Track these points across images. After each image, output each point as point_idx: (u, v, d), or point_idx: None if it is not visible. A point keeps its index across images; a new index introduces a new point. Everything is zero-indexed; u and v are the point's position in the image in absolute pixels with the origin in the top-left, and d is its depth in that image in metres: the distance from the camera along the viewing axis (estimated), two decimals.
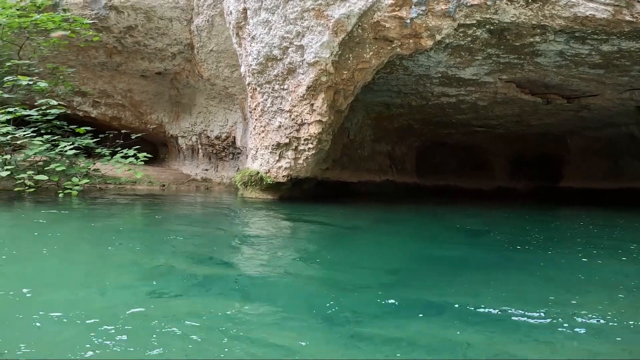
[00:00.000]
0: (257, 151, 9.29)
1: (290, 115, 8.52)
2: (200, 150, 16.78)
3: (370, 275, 3.13)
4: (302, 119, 8.45)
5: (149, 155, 10.79)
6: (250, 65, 8.53)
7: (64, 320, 2.06)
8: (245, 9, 8.42)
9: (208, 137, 16.04)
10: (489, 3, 6.65)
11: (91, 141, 10.51)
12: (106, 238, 4.32)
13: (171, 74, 14.97)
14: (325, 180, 11.79)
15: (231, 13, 8.68)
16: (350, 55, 7.73)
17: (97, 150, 10.83)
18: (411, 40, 7.48)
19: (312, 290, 2.76)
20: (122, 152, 10.49)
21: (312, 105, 8.23)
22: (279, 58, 8.14)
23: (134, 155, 10.33)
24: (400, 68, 9.98)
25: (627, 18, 6.42)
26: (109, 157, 10.53)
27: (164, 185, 14.13)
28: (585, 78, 10.18)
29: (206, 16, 11.72)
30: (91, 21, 12.16)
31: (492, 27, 7.42)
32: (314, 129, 8.39)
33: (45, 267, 3.13)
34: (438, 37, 7.40)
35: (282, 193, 9.71)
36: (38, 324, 2.01)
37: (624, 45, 7.80)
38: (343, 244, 4.61)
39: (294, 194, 10.19)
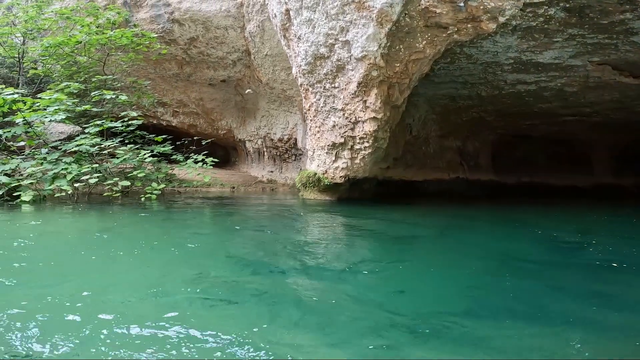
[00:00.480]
0: (314, 152, 9.18)
1: (343, 114, 8.19)
2: (265, 153, 17.30)
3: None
4: (355, 117, 8.07)
5: (216, 160, 11.58)
6: (300, 65, 8.37)
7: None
8: (287, 10, 8.28)
9: (272, 139, 16.44)
10: None
11: (168, 148, 11.45)
12: (177, 242, 4.50)
13: (234, 80, 15.65)
14: (388, 180, 11.24)
15: (275, 16, 8.62)
16: (401, 46, 7.10)
17: (173, 157, 11.77)
18: (469, 25, 6.62)
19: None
20: (193, 158, 11.35)
21: (365, 101, 7.81)
22: (326, 56, 7.84)
23: (203, 160, 11.16)
24: (462, 56, 8.97)
25: None
26: (184, 163, 11.36)
27: (233, 188, 14.85)
28: None
29: (256, 22, 11.91)
30: (158, 35, 13.24)
31: (568, 5, 6.19)
32: (369, 127, 7.96)
33: (114, 269, 3.34)
34: (502, 19, 6.43)
35: (340, 194, 9.47)
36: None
37: None
38: (395, 267, 3.74)
39: (352, 195, 9.86)
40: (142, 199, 9.17)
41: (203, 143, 13.87)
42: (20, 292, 2.65)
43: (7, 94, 8.75)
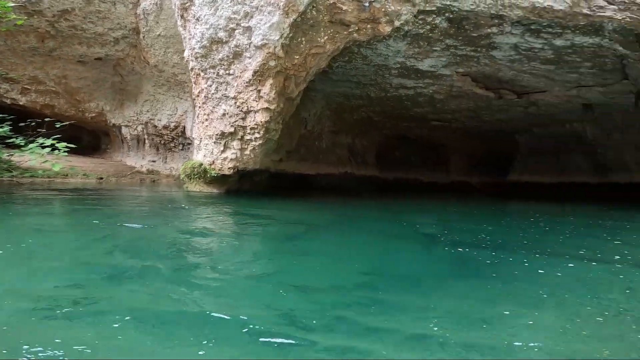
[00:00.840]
0: (200, 141, 8.56)
1: (235, 103, 7.86)
2: (146, 141, 15.58)
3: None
4: (248, 107, 7.82)
5: (71, 145, 9.06)
6: (194, 48, 7.79)
7: None
8: None
9: (155, 126, 14.90)
10: None
11: (6, 129, 9.05)
12: (17, 239, 3.55)
13: (114, 59, 13.71)
14: (281, 173, 11.26)
15: None
16: (303, 38, 7.22)
17: (11, 140, 9.22)
18: (369, 26, 7.12)
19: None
20: (38, 142, 8.82)
21: (259, 91, 7.63)
22: (224, 41, 7.46)
23: (52, 145, 8.69)
24: (359, 57, 9.64)
25: (585, 11, 6.46)
26: (27, 148, 8.66)
27: (101, 178, 12.90)
28: (536, 74, 10.42)
29: None
30: (19, 4, 10.75)
31: (451, 16, 7.24)
32: (261, 117, 7.80)
33: None
34: (397, 23, 7.10)
35: (228, 186, 9.06)
36: None
37: (577, 40, 7.95)
38: (287, 258, 3.55)
39: (242, 187, 9.56)
40: None
41: (57, 126, 10.93)
42: None
43: None
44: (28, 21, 11.65)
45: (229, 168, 8.44)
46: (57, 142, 8.85)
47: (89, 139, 18.25)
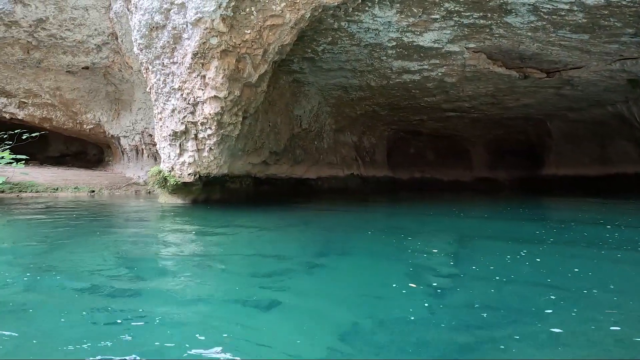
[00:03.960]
0: (159, 145, 7.18)
1: (181, 94, 6.43)
2: (144, 151, 14.63)
3: None
4: (194, 97, 6.36)
5: (22, 157, 7.97)
6: (136, 39, 6.48)
7: None
8: None
9: (150, 135, 13.90)
10: None
11: None
12: None
13: (101, 67, 12.88)
14: (272, 178, 9.73)
15: None
16: (252, 8, 5.67)
17: None
18: None
19: None
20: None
21: (204, 77, 6.15)
22: (162, 25, 6.08)
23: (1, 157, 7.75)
24: (344, 36, 7.99)
25: None
26: None
27: (93, 191, 11.99)
28: (567, 46, 8.31)
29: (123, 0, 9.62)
30: None
31: None
32: (210, 108, 6.29)
33: None
34: None
35: (194, 196, 7.63)
36: None
37: None
38: None
39: (212, 197, 8.00)
40: None
41: (24, 137, 9.89)
42: None
43: None
44: (8, 32, 11.14)
45: (188, 174, 7.00)
46: (12, 154, 7.85)
47: (94, 152, 17.74)
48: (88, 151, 16.91)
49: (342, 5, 6.32)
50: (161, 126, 6.91)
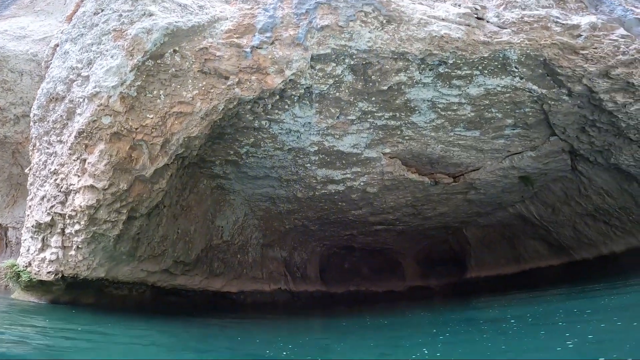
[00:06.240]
0: (23, 236, 5.80)
1: (55, 179, 5.43)
2: None
3: None
4: (68, 184, 5.37)
5: None
6: (33, 110, 5.75)
7: None
8: (56, 45, 6.08)
9: None
10: (341, 24, 5.30)
11: None
12: None
13: (13, 143, 11.14)
14: (180, 289, 8.05)
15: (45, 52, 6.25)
16: (161, 91, 5.43)
17: None
18: (253, 77, 5.63)
19: None
20: None
21: (85, 160, 5.32)
22: (61, 96, 5.53)
23: None
24: (266, 137, 8.02)
25: (481, 38, 5.55)
26: None
27: None
28: (464, 145, 9.37)
29: None
30: None
31: (352, 62, 6.04)
32: (82, 199, 5.25)
33: None
34: (288, 73, 5.69)
35: (53, 295, 5.98)
36: None
37: (489, 84, 6.99)
38: None
39: (83, 300, 6.27)
40: None
41: None
42: None
43: None
44: None
45: (48, 272, 5.55)
46: None
47: None
48: None
49: (259, 101, 6.42)
50: (28, 215, 5.60)
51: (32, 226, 5.46)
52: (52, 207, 5.41)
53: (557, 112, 7.68)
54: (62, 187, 5.35)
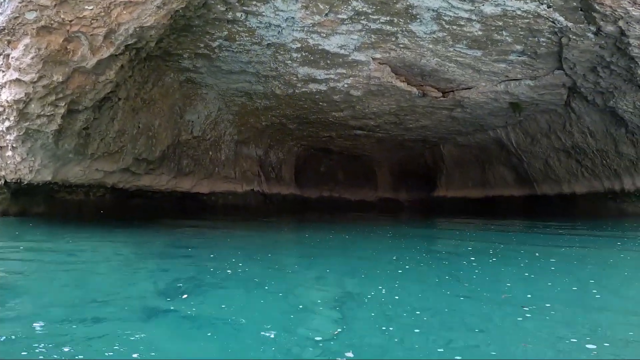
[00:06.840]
0: None
1: None
2: None
3: None
4: None
5: None
6: None
7: None
8: None
9: None
10: None
11: None
12: None
13: None
14: (145, 190, 7.88)
15: None
16: None
17: None
18: None
19: None
20: None
21: (9, 56, 4.69)
22: None
23: None
24: (242, 31, 6.90)
25: None
26: None
27: None
28: (462, 62, 8.53)
29: None
30: None
31: None
32: (9, 94, 4.70)
33: None
34: None
35: (2, 207, 5.80)
36: None
37: (509, 5, 5.99)
38: None
39: (32, 210, 6.09)
40: None
41: None
42: None
43: None
44: None
45: None
46: None
47: None
48: None
49: None
50: None
51: None
52: None
53: (574, 47, 6.90)
54: None
